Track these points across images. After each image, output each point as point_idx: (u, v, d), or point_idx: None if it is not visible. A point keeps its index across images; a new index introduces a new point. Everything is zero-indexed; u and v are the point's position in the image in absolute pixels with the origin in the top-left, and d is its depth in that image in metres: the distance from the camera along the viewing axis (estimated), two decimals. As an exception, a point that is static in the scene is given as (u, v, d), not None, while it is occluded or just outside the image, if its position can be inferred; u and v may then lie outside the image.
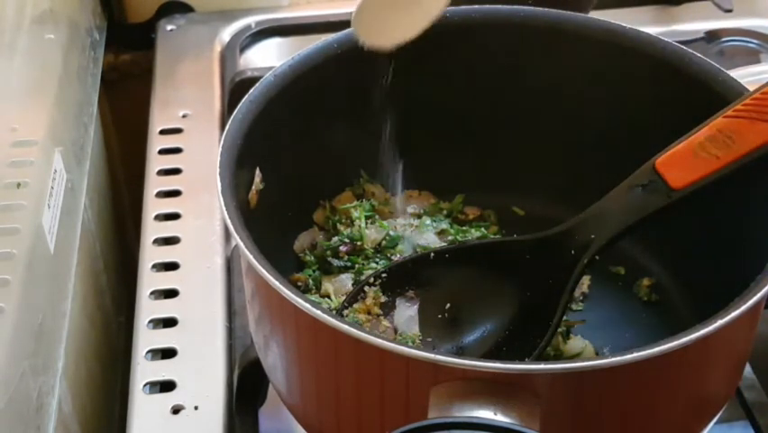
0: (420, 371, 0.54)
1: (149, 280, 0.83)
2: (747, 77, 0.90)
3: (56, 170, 0.79)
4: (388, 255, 0.75)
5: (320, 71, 0.72)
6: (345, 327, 0.54)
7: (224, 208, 0.61)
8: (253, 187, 0.68)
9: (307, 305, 0.55)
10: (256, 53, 1.12)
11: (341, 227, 0.77)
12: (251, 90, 0.69)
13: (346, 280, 0.74)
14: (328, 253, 0.75)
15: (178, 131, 0.99)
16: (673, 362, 0.55)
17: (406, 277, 0.70)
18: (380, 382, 0.56)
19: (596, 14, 0.96)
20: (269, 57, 1.11)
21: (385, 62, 0.75)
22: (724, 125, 0.63)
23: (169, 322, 0.80)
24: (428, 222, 0.78)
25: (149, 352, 0.77)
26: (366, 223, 0.77)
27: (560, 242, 0.67)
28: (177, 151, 0.96)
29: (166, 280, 0.83)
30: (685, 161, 0.63)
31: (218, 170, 0.63)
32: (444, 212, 0.80)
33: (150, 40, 1.13)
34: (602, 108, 0.75)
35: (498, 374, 0.52)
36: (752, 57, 1.09)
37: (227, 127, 0.66)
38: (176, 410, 0.73)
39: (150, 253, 0.86)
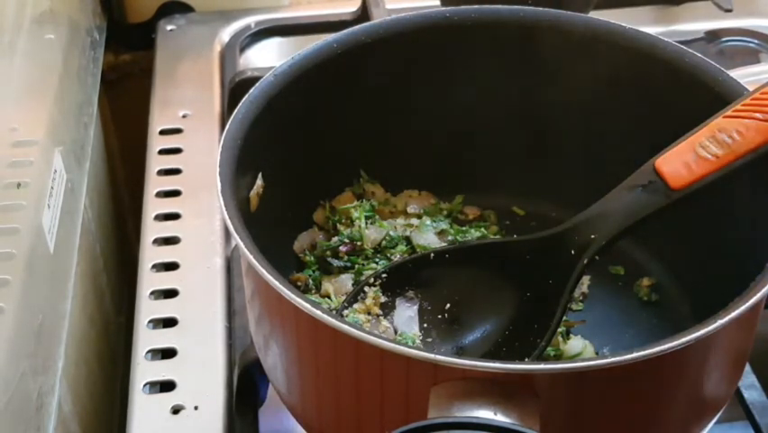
0: (420, 371, 0.54)
1: (149, 280, 0.83)
2: (747, 77, 0.90)
3: (56, 170, 0.79)
4: (388, 255, 0.75)
5: (320, 71, 0.72)
6: (345, 327, 0.54)
7: (223, 208, 0.61)
8: (254, 190, 0.68)
9: (307, 305, 0.55)
10: (256, 53, 1.12)
11: (341, 227, 0.77)
12: (251, 90, 0.69)
13: (346, 281, 0.74)
14: (328, 253, 0.75)
15: (178, 131, 0.99)
16: (673, 362, 0.56)
17: (407, 277, 0.70)
18: (380, 382, 0.56)
19: (596, 14, 0.96)
20: (269, 57, 1.11)
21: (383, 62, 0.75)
22: (724, 125, 0.63)
23: (169, 322, 0.80)
24: (428, 222, 0.78)
25: (149, 352, 0.77)
26: (366, 223, 0.77)
27: (560, 242, 0.67)
28: (177, 151, 0.96)
29: (166, 280, 0.83)
30: (685, 161, 0.63)
31: (218, 169, 0.63)
32: (444, 212, 0.80)
33: (150, 40, 1.13)
34: (602, 108, 0.75)
35: (498, 374, 0.52)
36: (752, 57, 1.09)
37: (227, 127, 0.66)
38: (176, 410, 0.73)
39: (150, 253, 0.86)
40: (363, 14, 1.09)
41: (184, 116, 1.01)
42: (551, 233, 0.68)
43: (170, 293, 0.82)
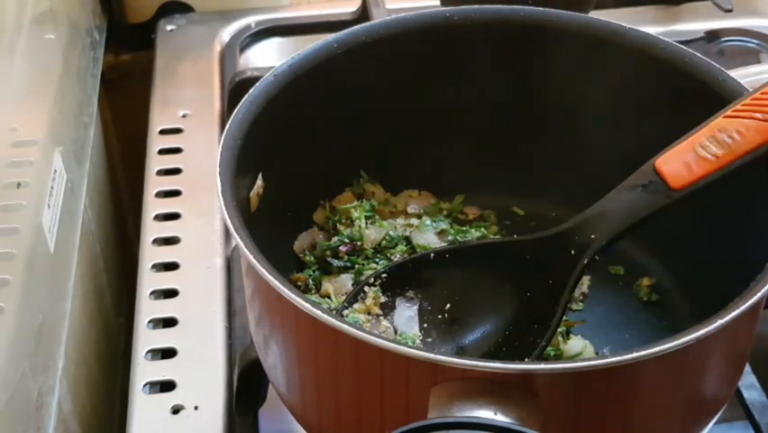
0: (420, 371, 0.54)
1: (149, 280, 0.83)
2: (747, 77, 0.90)
3: (56, 170, 0.79)
4: (388, 255, 0.75)
5: (320, 71, 0.72)
6: (345, 327, 0.54)
7: (223, 208, 0.61)
8: (254, 190, 0.68)
9: (307, 305, 0.55)
10: (256, 53, 1.12)
11: (341, 227, 0.77)
12: (251, 90, 0.69)
13: (346, 280, 0.74)
14: (328, 253, 0.75)
15: (178, 131, 0.99)
16: (673, 362, 0.56)
17: (406, 277, 0.70)
18: (380, 382, 0.56)
19: (596, 14, 0.96)
20: (269, 57, 1.11)
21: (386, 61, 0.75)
22: (724, 125, 0.63)
23: (169, 322, 0.80)
24: (428, 222, 0.78)
25: (149, 352, 0.77)
26: (366, 223, 0.77)
27: (560, 242, 0.67)
28: (177, 151, 0.96)
29: (166, 280, 0.83)
30: (685, 161, 0.63)
31: (218, 169, 0.63)
32: (444, 212, 0.80)
33: (150, 40, 1.13)
34: (602, 108, 0.75)
35: (498, 374, 0.52)
36: (752, 57, 1.09)
37: (227, 127, 0.66)
38: (176, 410, 0.73)
39: (150, 253, 0.86)
40: (363, 14, 1.09)
41: (184, 116, 1.01)
42: (551, 233, 0.68)
43: (170, 293, 0.82)
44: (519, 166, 0.80)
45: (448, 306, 0.69)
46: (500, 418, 0.50)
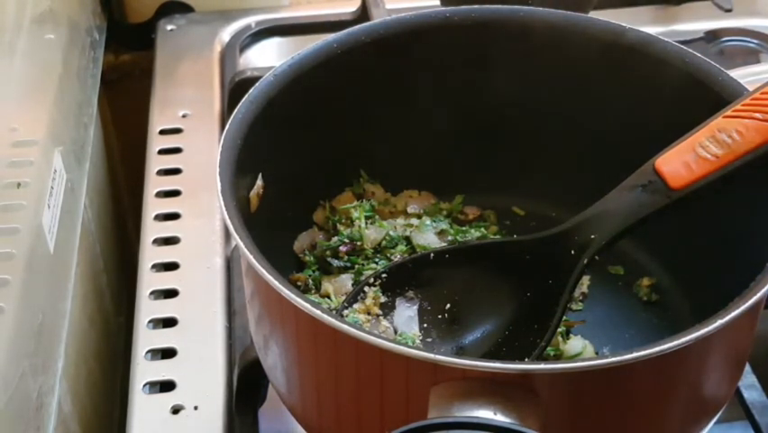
0: (420, 371, 0.54)
1: (149, 280, 0.83)
2: (747, 77, 0.90)
3: (56, 170, 0.79)
4: (388, 255, 0.75)
5: (320, 71, 0.72)
6: (345, 327, 0.54)
7: (223, 208, 0.61)
8: (254, 190, 0.68)
9: (307, 305, 0.55)
10: (256, 53, 1.13)
11: (341, 227, 0.77)
12: (251, 90, 0.69)
13: (346, 281, 0.74)
14: (328, 253, 0.75)
15: (178, 131, 0.99)
16: (673, 362, 0.56)
17: (406, 277, 0.70)
18: (380, 382, 0.56)
19: (596, 14, 0.96)
20: (269, 57, 1.12)
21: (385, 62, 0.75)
22: (724, 125, 0.63)
23: (169, 322, 0.80)
24: (428, 222, 0.78)
25: (149, 352, 0.77)
26: (366, 223, 0.77)
27: (560, 242, 0.67)
28: (177, 151, 0.96)
29: (166, 280, 0.83)
30: (685, 161, 0.63)
31: (218, 170, 0.63)
32: (444, 212, 0.80)
33: (150, 40, 1.13)
34: (602, 108, 0.75)
35: (498, 374, 0.52)
36: (752, 57, 1.09)
37: (227, 127, 0.66)
38: (176, 410, 0.73)
39: (150, 253, 0.86)
40: (363, 14, 1.09)
41: (184, 116, 1.01)
42: (551, 233, 0.68)
43: (170, 293, 0.82)
44: (519, 166, 0.80)
45: (448, 306, 0.69)
46: (500, 418, 0.50)
